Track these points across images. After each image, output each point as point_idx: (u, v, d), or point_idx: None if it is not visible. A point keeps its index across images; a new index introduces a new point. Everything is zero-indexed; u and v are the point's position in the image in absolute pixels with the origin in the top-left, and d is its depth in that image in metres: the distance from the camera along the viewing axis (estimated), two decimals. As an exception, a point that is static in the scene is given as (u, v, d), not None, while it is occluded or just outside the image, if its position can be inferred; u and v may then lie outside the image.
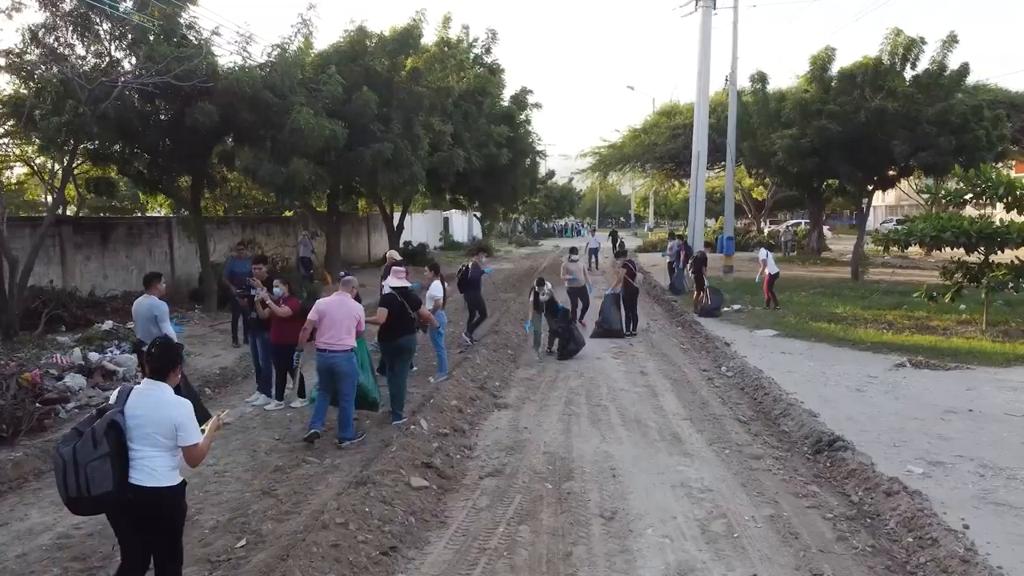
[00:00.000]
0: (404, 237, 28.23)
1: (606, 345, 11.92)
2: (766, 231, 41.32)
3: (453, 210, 39.73)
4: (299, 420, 7.64)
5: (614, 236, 37.09)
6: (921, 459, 6.29)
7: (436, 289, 9.42)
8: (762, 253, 15.03)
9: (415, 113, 15.39)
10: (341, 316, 6.70)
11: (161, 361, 3.65)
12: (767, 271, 14.73)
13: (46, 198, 13.61)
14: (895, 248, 13.14)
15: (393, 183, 14.81)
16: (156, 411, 3.46)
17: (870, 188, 20.86)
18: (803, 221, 47.85)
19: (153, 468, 3.43)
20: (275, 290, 7.89)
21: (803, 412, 7.57)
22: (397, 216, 25.43)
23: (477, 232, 46.25)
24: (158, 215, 20.16)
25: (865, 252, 21.96)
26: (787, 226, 43.47)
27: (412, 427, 6.54)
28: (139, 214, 22.30)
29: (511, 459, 6.34)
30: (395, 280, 8.00)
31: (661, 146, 29.59)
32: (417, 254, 27.60)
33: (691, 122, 22.87)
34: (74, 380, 8.82)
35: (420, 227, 37.02)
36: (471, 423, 7.32)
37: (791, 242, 32.98)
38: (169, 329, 7.09)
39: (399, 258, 10.46)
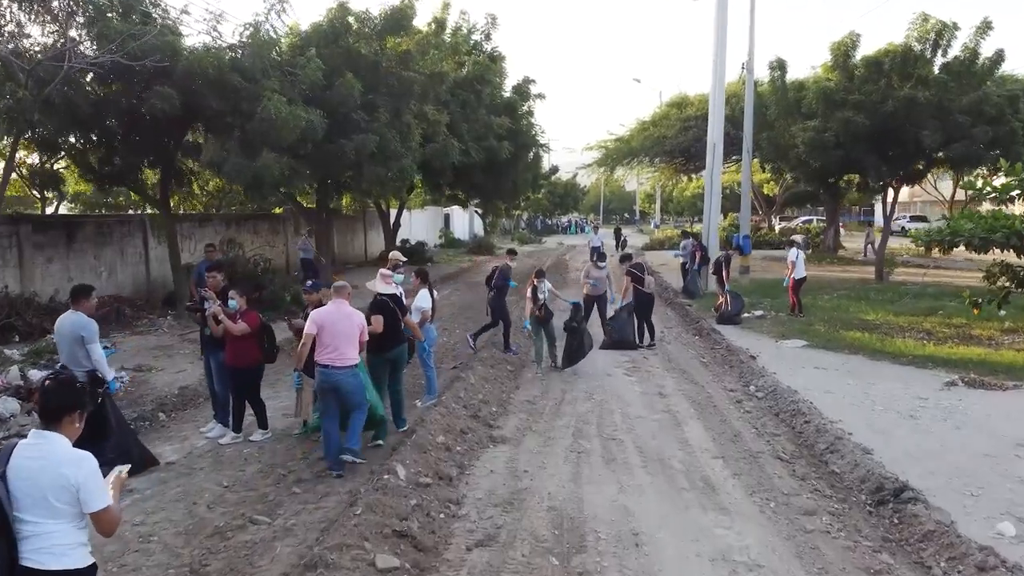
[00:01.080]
0: (402, 235, 27.09)
1: (618, 359, 10.66)
2: (777, 228, 39.91)
3: (454, 206, 38.52)
4: (256, 459, 6.45)
5: (618, 233, 35.90)
6: (1008, 513, 5.19)
7: (423, 299, 8.10)
8: (792, 254, 13.55)
9: (405, 101, 14.08)
10: (342, 327, 5.89)
11: (55, 402, 2.73)
12: (794, 275, 13.41)
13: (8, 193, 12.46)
14: (936, 250, 11.95)
15: (380, 177, 13.48)
16: (48, 470, 2.64)
17: (895, 183, 19.60)
18: (814, 218, 46.55)
19: (53, 545, 2.64)
20: (230, 303, 6.71)
21: (854, 447, 6.45)
22: (395, 213, 24.29)
23: (479, 229, 44.93)
24: (131, 212, 18.95)
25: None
26: (803, 222, 42.27)
27: (386, 476, 5.31)
28: (132, 211, 21.03)
29: (507, 519, 5.11)
30: (383, 286, 7.05)
31: (671, 139, 28.23)
32: (416, 252, 26.44)
33: (703, 113, 21.64)
34: (5, 405, 7.66)
35: (419, 224, 35.76)
36: (460, 466, 6.07)
37: (805, 240, 31.79)
38: (98, 352, 6.03)
39: (403, 259, 9.41)
